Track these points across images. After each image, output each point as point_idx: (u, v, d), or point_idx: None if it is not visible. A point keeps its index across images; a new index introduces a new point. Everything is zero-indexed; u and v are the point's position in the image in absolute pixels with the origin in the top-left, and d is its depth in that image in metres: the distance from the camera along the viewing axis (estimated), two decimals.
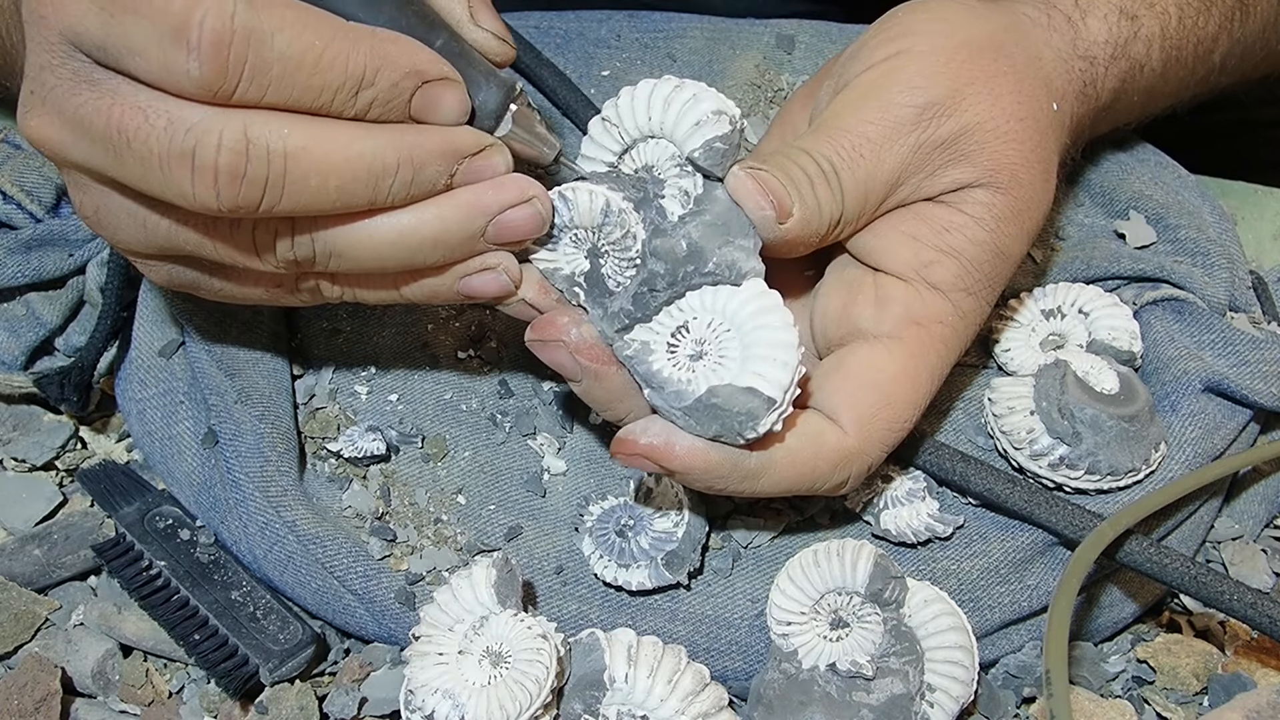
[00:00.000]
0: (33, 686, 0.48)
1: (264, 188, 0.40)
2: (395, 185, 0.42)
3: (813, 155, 0.47)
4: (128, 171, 0.40)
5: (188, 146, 0.39)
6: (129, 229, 0.43)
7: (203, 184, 0.39)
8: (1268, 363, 0.54)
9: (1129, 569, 0.49)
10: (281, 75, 0.39)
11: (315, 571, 0.50)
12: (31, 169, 0.61)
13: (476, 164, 0.43)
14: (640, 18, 0.68)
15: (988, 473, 0.50)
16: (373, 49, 0.40)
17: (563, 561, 0.51)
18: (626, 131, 0.46)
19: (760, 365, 0.43)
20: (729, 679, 0.49)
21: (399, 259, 0.44)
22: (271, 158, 0.39)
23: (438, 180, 0.43)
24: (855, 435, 0.46)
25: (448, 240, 0.43)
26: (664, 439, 0.45)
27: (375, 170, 0.41)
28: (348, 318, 0.57)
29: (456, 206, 0.43)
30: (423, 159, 0.42)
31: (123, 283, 0.56)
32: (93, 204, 0.43)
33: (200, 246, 0.43)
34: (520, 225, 0.44)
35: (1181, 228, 0.59)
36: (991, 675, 0.50)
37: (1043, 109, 0.50)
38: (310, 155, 0.40)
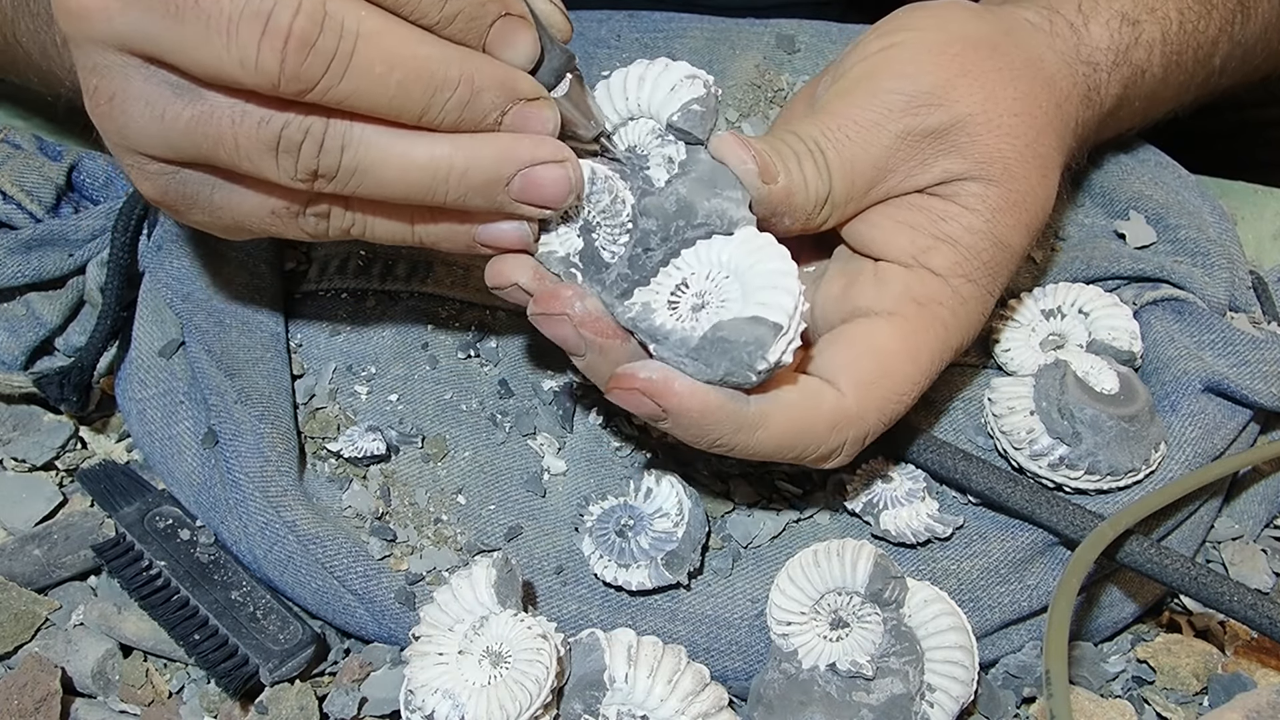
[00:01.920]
0: (33, 686, 0.48)
1: (329, 62, 0.39)
2: (451, 101, 0.41)
3: (799, 134, 0.47)
4: (185, 33, 0.39)
5: (265, 7, 0.38)
6: (142, 120, 0.42)
7: (270, 48, 0.39)
8: (1268, 363, 0.54)
9: (1129, 569, 0.49)
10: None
11: (315, 571, 0.50)
12: (31, 169, 0.61)
13: (529, 110, 0.43)
14: (640, 18, 0.68)
15: (989, 471, 0.50)
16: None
17: (563, 561, 0.51)
18: (609, 119, 0.47)
19: (763, 295, 0.43)
20: (729, 679, 0.49)
21: (421, 187, 0.43)
22: (345, 33, 0.39)
23: (490, 112, 0.42)
24: (854, 399, 0.46)
25: (474, 178, 0.43)
26: (663, 375, 0.44)
27: (437, 78, 0.41)
28: (348, 318, 0.57)
29: (492, 146, 0.43)
30: (483, 84, 0.42)
31: (123, 283, 0.56)
32: (109, 90, 0.42)
33: (218, 142, 0.42)
34: (548, 185, 0.43)
35: (1182, 228, 0.59)
36: (991, 675, 0.50)
37: (1040, 107, 0.50)
38: (382, 42, 0.40)
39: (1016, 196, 0.48)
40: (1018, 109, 0.49)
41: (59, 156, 0.63)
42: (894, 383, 0.47)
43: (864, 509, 0.51)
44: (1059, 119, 0.51)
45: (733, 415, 0.44)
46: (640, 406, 0.44)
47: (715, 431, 0.44)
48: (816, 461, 0.47)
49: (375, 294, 0.57)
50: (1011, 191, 0.48)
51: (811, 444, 0.46)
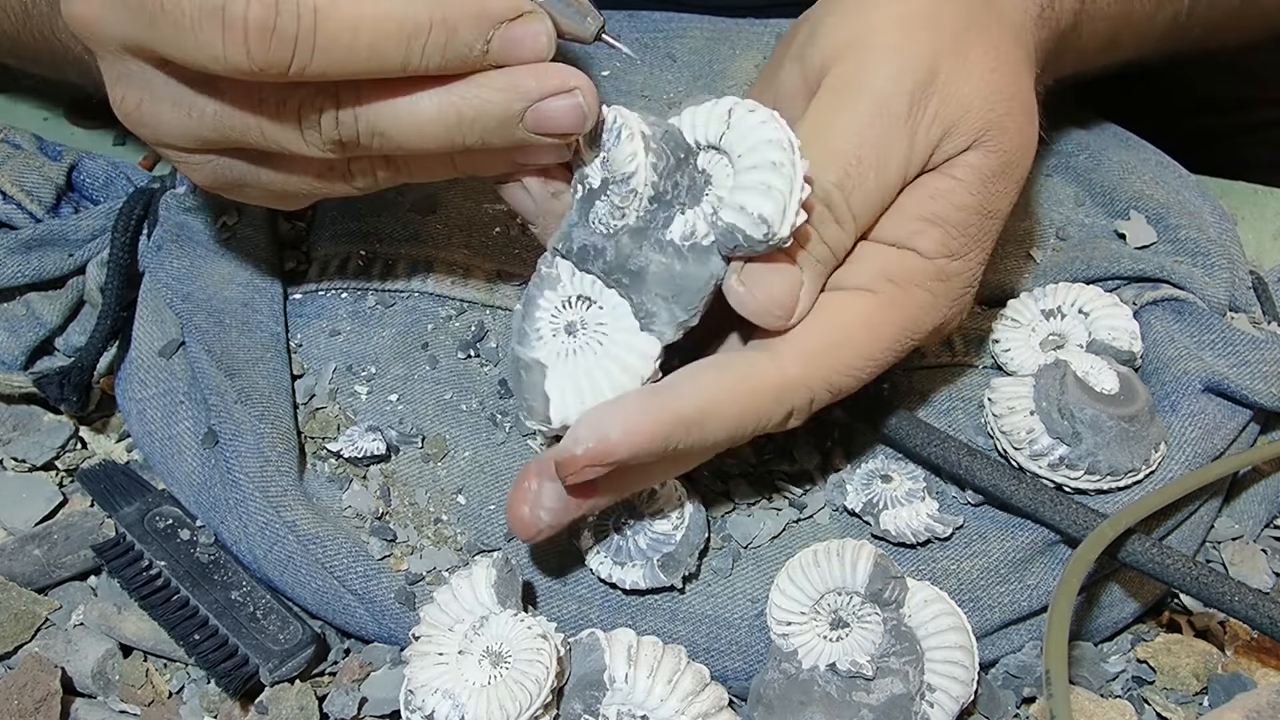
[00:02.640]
0: (33, 686, 0.48)
1: (294, 44, 0.39)
2: (429, 47, 0.41)
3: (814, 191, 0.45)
4: (163, 37, 0.40)
5: (218, 2, 0.39)
6: (173, 119, 0.43)
7: (233, 42, 0.39)
8: (1268, 363, 0.54)
9: (1130, 568, 0.49)
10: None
11: (315, 571, 0.50)
12: (31, 169, 0.61)
13: (514, 30, 0.42)
14: (640, 18, 0.68)
15: (992, 467, 0.50)
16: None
17: (563, 561, 0.51)
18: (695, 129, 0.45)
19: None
20: (729, 679, 0.49)
21: (440, 138, 0.43)
22: (301, 11, 0.39)
23: (473, 45, 0.42)
24: (798, 369, 0.45)
25: (487, 121, 0.43)
26: (597, 437, 0.43)
27: (406, 28, 0.40)
28: (348, 318, 0.57)
29: (495, 87, 0.43)
30: (455, 19, 0.41)
31: (123, 283, 0.56)
32: (135, 97, 0.43)
33: (246, 130, 0.43)
34: (560, 117, 0.43)
35: (1182, 228, 0.59)
36: (991, 675, 0.50)
37: (1008, 51, 0.49)
38: (340, 10, 0.40)
39: (1007, 157, 0.47)
40: (993, 63, 0.47)
41: (59, 156, 0.63)
42: (848, 355, 0.46)
43: (864, 509, 0.51)
44: (1023, 54, 0.50)
45: (678, 420, 0.43)
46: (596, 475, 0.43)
47: (670, 443, 0.44)
48: (773, 430, 0.46)
49: (375, 294, 0.57)
50: (1003, 153, 0.47)
51: (762, 418, 0.45)
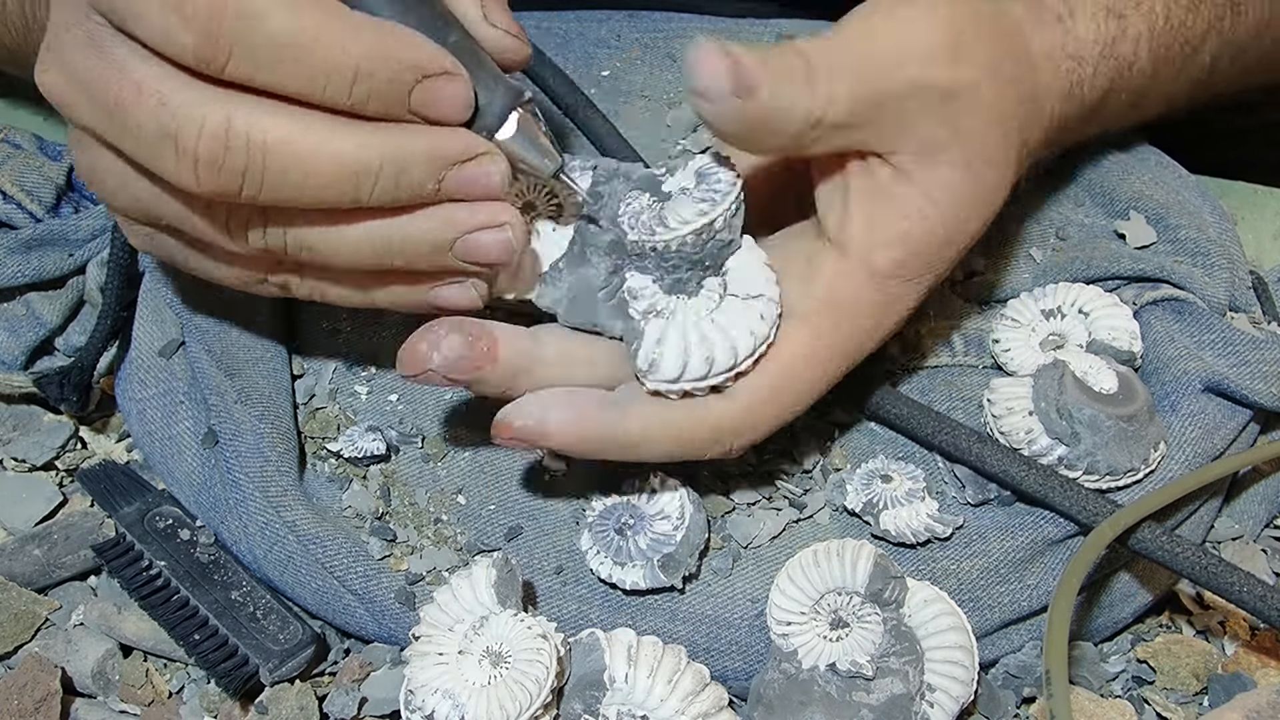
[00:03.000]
0: (33, 686, 0.48)
1: (242, 177, 0.40)
2: (378, 187, 0.41)
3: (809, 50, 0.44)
4: (121, 139, 0.41)
5: (172, 129, 0.39)
6: (115, 190, 0.44)
7: (184, 167, 0.40)
8: (1268, 363, 0.54)
9: (1141, 555, 0.49)
10: (272, 57, 0.39)
11: (315, 571, 0.50)
12: (31, 169, 0.61)
13: (467, 170, 0.42)
14: (640, 18, 0.68)
15: (1003, 453, 0.50)
16: (374, 41, 0.40)
17: (563, 561, 0.51)
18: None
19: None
20: (729, 679, 0.49)
21: (366, 258, 0.44)
22: (251, 149, 0.39)
23: (425, 183, 0.42)
24: (745, 413, 0.46)
25: (417, 248, 0.43)
26: (536, 419, 0.45)
27: (357, 170, 0.41)
28: (348, 318, 0.57)
29: (430, 216, 0.43)
30: (406, 161, 0.41)
31: (123, 283, 0.56)
32: (89, 161, 0.44)
33: (179, 219, 0.44)
34: (488, 249, 0.44)
35: (1182, 228, 0.59)
36: (991, 675, 0.50)
37: (1020, 95, 0.48)
38: (291, 149, 0.40)
39: (982, 188, 0.47)
40: (1008, 91, 0.47)
41: (59, 156, 0.63)
42: (792, 394, 0.47)
43: (864, 509, 0.51)
44: (1035, 110, 0.50)
45: (612, 440, 0.46)
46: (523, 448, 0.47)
47: (598, 453, 0.46)
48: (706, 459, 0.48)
49: None
50: (980, 180, 0.47)
51: (694, 452, 0.47)
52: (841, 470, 0.53)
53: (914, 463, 0.52)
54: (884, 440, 0.54)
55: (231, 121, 0.39)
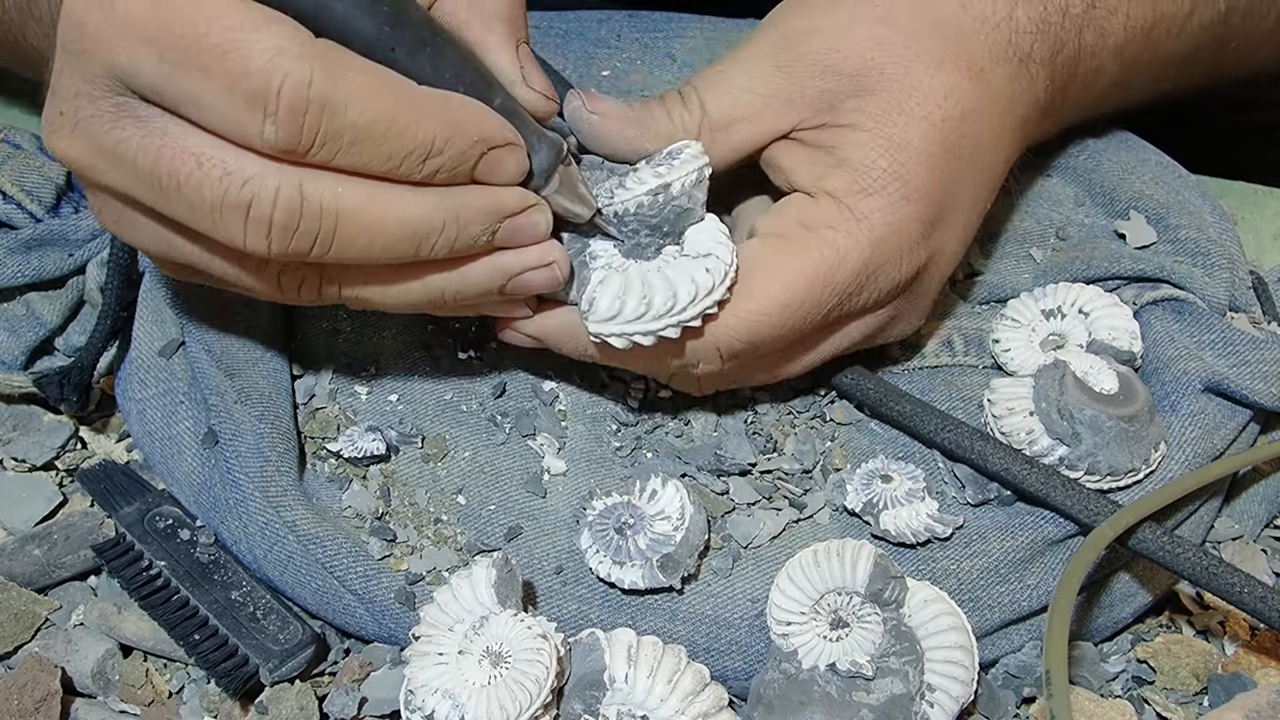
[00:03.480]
0: (33, 686, 0.48)
1: (314, 241, 0.41)
2: (439, 243, 0.43)
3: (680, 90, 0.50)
4: (174, 209, 0.41)
5: (244, 198, 0.40)
6: (150, 243, 0.45)
7: (255, 234, 0.40)
8: (1268, 363, 0.54)
9: (1142, 556, 0.49)
10: (353, 142, 0.40)
11: (315, 571, 0.50)
12: (31, 169, 0.61)
13: (519, 222, 0.45)
14: (640, 18, 0.68)
15: (1005, 452, 0.50)
16: (444, 119, 0.41)
17: (563, 561, 0.51)
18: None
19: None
20: (729, 679, 0.49)
21: (421, 306, 0.46)
22: (324, 215, 0.41)
23: (480, 238, 0.44)
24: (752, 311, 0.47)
25: (468, 294, 0.46)
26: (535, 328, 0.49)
27: (421, 231, 0.42)
28: (348, 318, 0.57)
29: (482, 265, 0.45)
30: (469, 219, 0.43)
31: (123, 283, 0.56)
32: (114, 215, 0.44)
33: (224, 275, 0.45)
34: (536, 285, 0.46)
35: (1182, 228, 0.59)
36: (991, 675, 0.50)
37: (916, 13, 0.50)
38: (362, 215, 0.41)
39: (899, 97, 0.48)
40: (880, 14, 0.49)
41: None
42: (755, 303, 0.47)
43: (864, 509, 0.51)
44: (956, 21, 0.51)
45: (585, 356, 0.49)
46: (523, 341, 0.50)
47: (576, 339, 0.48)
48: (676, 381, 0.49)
49: None
50: (892, 94, 0.48)
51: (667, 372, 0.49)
52: (841, 470, 0.53)
53: (914, 463, 0.52)
54: (884, 440, 0.54)
55: (304, 190, 0.40)
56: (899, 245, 0.48)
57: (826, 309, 0.48)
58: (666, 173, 0.47)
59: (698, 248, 0.47)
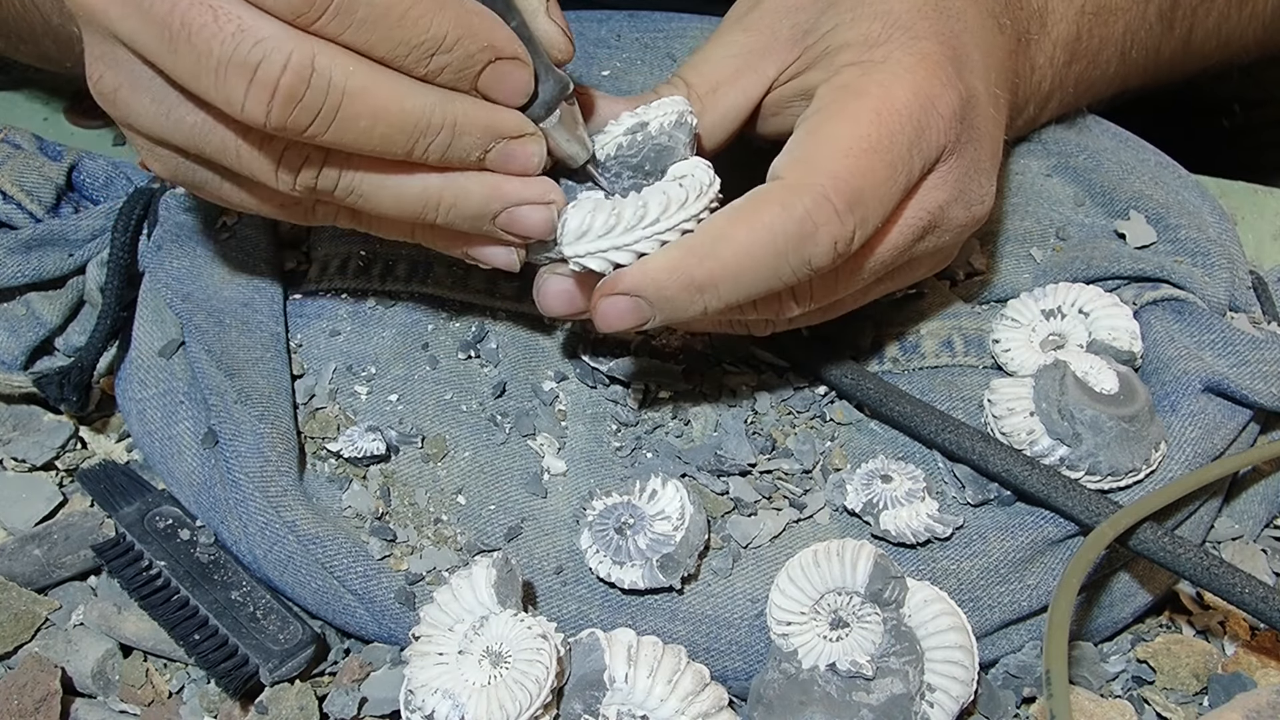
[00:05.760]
0: (33, 686, 0.48)
1: (315, 116, 0.41)
2: (434, 145, 0.43)
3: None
4: (178, 63, 0.40)
5: (253, 59, 0.39)
6: (149, 114, 0.43)
7: (256, 98, 0.40)
8: (1268, 363, 0.54)
9: (1142, 557, 0.49)
10: (365, 20, 0.40)
11: (315, 571, 0.50)
12: (31, 169, 0.61)
13: (512, 147, 0.45)
14: (640, 18, 0.68)
15: (1006, 453, 0.50)
16: (457, 17, 0.41)
17: (563, 561, 0.51)
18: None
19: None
20: (729, 679, 0.49)
21: (412, 211, 0.45)
22: (331, 90, 0.40)
23: (472, 151, 0.44)
24: (792, 173, 0.45)
25: (462, 210, 0.45)
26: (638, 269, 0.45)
27: (420, 126, 0.42)
28: (348, 318, 0.57)
29: (482, 184, 0.45)
30: (465, 127, 0.43)
31: (123, 283, 0.56)
32: (114, 80, 0.43)
33: (223, 151, 0.43)
34: (531, 223, 0.46)
35: (1182, 228, 0.59)
36: (991, 675, 0.50)
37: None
38: (367, 97, 0.41)
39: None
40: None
41: (59, 156, 0.63)
42: (831, 144, 0.45)
43: (864, 509, 0.51)
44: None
45: (690, 249, 0.44)
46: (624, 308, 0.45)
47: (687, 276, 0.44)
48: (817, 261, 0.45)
49: (375, 294, 0.57)
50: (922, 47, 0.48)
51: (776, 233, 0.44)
52: (841, 470, 0.53)
53: (914, 463, 0.52)
54: (884, 440, 0.54)
55: (316, 61, 0.40)
56: (933, 70, 0.47)
57: (908, 136, 0.46)
58: (643, 113, 0.48)
59: (676, 173, 0.47)
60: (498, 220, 0.46)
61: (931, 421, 0.52)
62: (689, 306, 0.45)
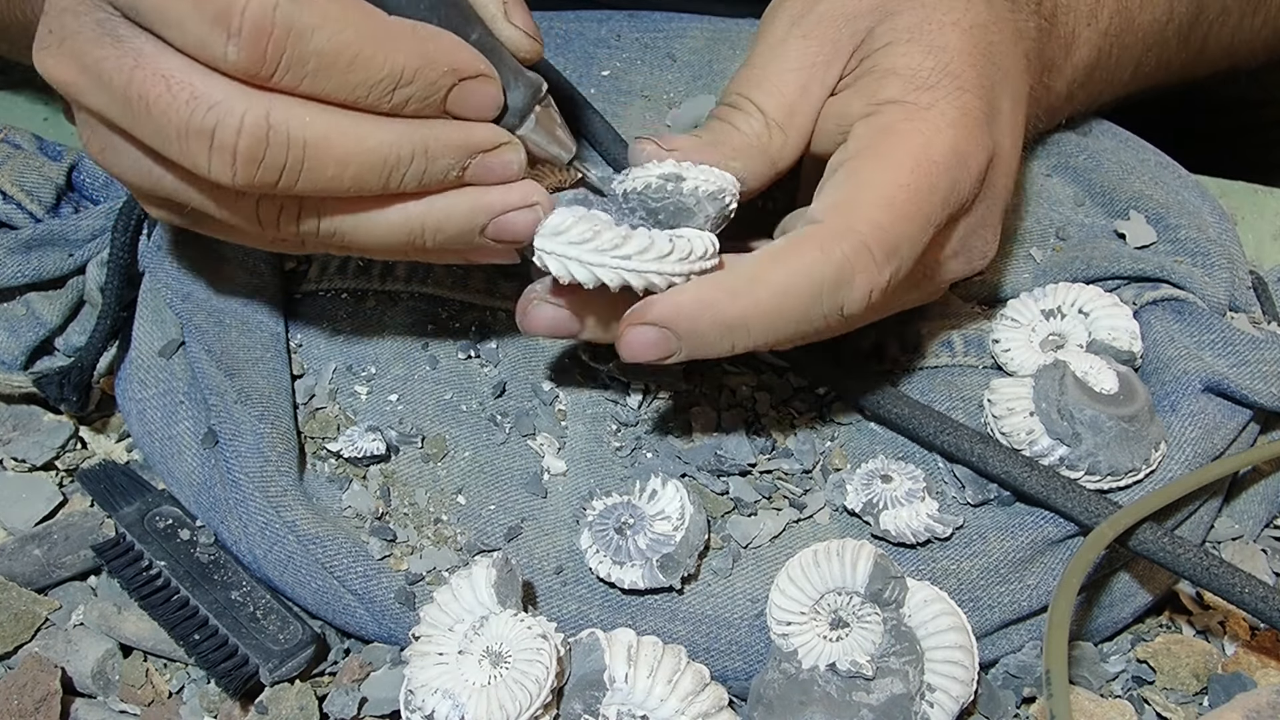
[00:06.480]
0: (33, 686, 0.48)
1: (281, 172, 0.41)
2: (408, 175, 0.43)
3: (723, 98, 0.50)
4: (143, 132, 0.41)
5: (208, 124, 0.39)
6: (134, 173, 0.44)
7: (220, 162, 0.40)
8: (1268, 363, 0.54)
9: (1142, 557, 0.49)
10: (318, 69, 0.40)
11: (315, 571, 0.50)
12: (31, 169, 0.61)
13: (489, 160, 0.44)
14: (640, 18, 0.68)
15: (1005, 454, 0.50)
16: (413, 49, 0.41)
17: (563, 561, 0.51)
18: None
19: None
20: (729, 679, 0.49)
21: (399, 241, 0.45)
22: (291, 145, 0.40)
23: (449, 172, 0.44)
24: (831, 218, 0.45)
25: (449, 231, 0.45)
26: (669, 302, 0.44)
27: (390, 161, 0.42)
28: (348, 318, 0.57)
29: (463, 201, 0.45)
30: (438, 152, 0.43)
31: (123, 283, 0.56)
32: (100, 143, 0.44)
33: (205, 206, 0.44)
34: (518, 228, 0.45)
35: (1181, 228, 0.59)
36: (991, 675, 0.50)
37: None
38: (329, 145, 0.41)
39: (927, 10, 0.49)
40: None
41: (59, 156, 0.63)
42: (873, 190, 0.45)
43: (864, 509, 0.51)
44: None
45: (724, 287, 0.44)
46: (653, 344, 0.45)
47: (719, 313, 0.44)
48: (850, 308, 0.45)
49: (375, 294, 0.57)
50: (919, 10, 0.49)
51: (813, 279, 0.44)
52: (841, 470, 0.53)
53: (914, 463, 0.52)
54: (884, 440, 0.54)
55: (271, 118, 0.40)
56: (972, 128, 0.47)
57: (943, 190, 0.46)
58: (687, 170, 0.46)
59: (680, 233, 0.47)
60: (486, 232, 0.45)
61: (930, 423, 0.52)
62: (717, 344, 0.45)
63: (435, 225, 0.45)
